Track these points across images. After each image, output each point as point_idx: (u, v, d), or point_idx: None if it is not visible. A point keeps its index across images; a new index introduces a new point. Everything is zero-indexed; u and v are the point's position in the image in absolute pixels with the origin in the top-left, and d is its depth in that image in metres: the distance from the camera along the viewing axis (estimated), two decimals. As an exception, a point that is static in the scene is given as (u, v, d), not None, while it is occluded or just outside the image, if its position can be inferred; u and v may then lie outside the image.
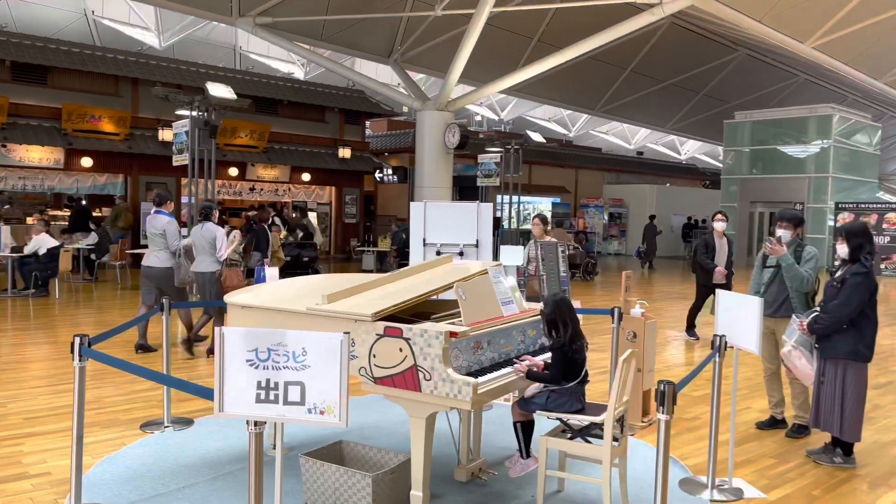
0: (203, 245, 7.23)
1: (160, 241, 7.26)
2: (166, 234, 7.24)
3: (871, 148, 24.63)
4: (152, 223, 7.37)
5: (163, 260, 7.27)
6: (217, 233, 7.24)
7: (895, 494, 4.06)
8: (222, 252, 7.27)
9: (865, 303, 4.33)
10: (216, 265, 7.27)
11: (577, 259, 16.75)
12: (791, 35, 16.78)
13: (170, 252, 7.28)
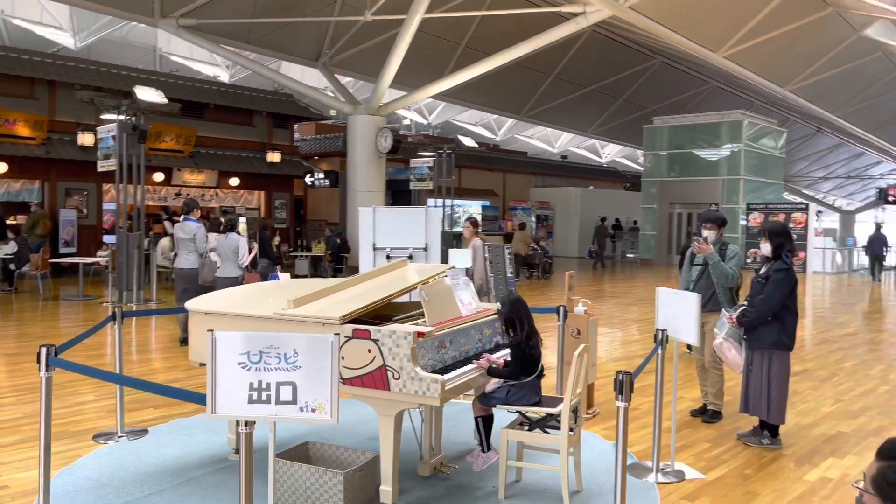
0: (228, 253, 7.94)
1: (190, 245, 8.20)
2: (196, 238, 8.17)
3: (777, 151, 26.17)
4: (182, 229, 8.29)
5: (192, 262, 8.24)
6: (240, 242, 7.97)
7: (818, 471, 4.48)
8: (244, 259, 8.00)
9: (787, 296, 4.75)
10: (238, 271, 7.98)
11: (536, 259, 18.01)
12: (704, 45, 17.71)
13: (198, 254, 8.23)
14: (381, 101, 17.71)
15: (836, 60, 19.97)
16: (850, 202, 45.27)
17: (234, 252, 7.91)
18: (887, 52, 20.39)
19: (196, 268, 8.22)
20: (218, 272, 8.03)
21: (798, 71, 20.27)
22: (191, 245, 8.17)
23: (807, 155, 35.73)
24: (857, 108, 24.46)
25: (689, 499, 3.98)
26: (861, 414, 5.86)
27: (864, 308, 13.79)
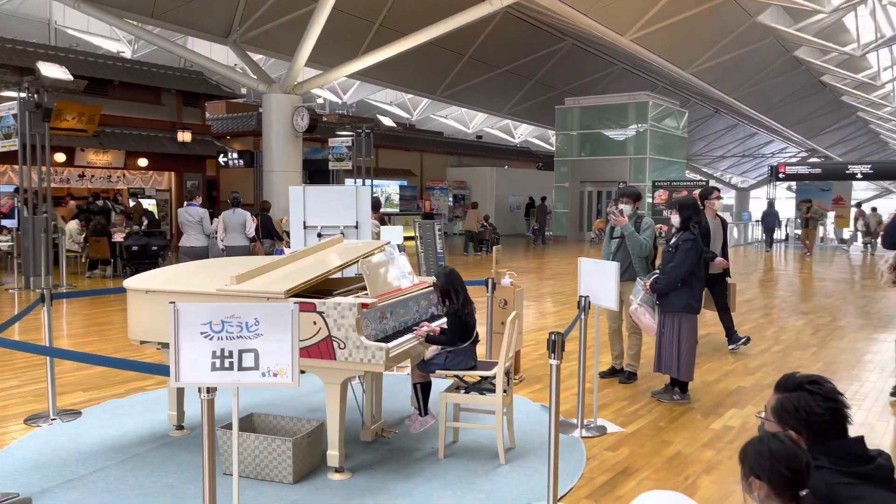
0: (235, 226, 9.64)
1: (197, 226, 9.47)
2: (203, 220, 9.50)
3: (680, 131, 27.48)
4: (189, 212, 9.58)
5: (201, 241, 9.48)
6: (246, 216, 9.75)
7: (722, 420, 4.96)
8: (251, 231, 9.74)
9: (695, 264, 5.19)
10: (246, 241, 9.71)
11: (486, 235, 20.20)
12: (612, 28, 18.38)
13: (204, 234, 9.51)
14: (296, 79, 17.50)
15: (733, 45, 21.13)
16: (745, 179, 48.01)
17: (241, 225, 9.67)
18: (779, 38, 21.73)
19: (205, 246, 9.54)
20: (227, 241, 9.62)
21: (698, 54, 21.31)
22: (198, 227, 9.47)
23: (706, 135, 37.62)
24: (751, 90, 25.95)
25: (611, 450, 4.35)
26: (758, 370, 6.45)
27: (759, 277, 14.85)
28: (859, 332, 8.43)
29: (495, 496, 3.63)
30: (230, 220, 9.69)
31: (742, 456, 2.00)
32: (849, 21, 21.34)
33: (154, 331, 4.18)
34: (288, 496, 3.61)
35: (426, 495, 3.63)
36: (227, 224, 9.68)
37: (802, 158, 39.10)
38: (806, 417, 2.09)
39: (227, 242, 9.63)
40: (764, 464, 1.91)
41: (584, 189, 25.64)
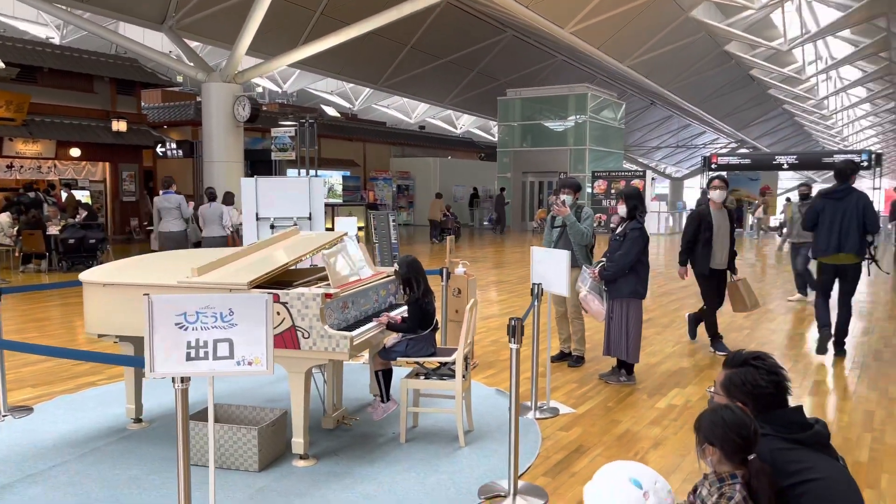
0: (213, 218, 10.43)
1: (175, 212, 10.14)
2: (181, 206, 10.18)
3: (617, 123, 28.15)
4: (167, 199, 10.22)
5: (179, 226, 10.13)
6: (223, 209, 10.57)
7: (667, 399, 5.23)
8: (228, 223, 10.51)
9: (642, 252, 5.44)
10: (224, 232, 10.47)
11: (449, 224, 21.46)
12: (553, 20, 18.69)
13: (182, 220, 10.17)
14: (236, 68, 17.20)
15: (667, 39, 21.77)
16: (679, 170, 49.50)
17: (219, 217, 10.49)
18: (710, 32, 22.48)
19: (183, 230, 10.23)
20: (205, 233, 10.46)
21: (635, 48, 21.87)
22: (176, 212, 10.14)
23: (642, 126, 38.62)
24: (685, 82, 26.77)
25: (564, 430, 4.55)
26: (697, 352, 6.78)
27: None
28: (787, 314, 8.92)
29: (457, 476, 3.78)
30: (207, 213, 10.57)
31: (697, 426, 2.18)
32: (776, 17, 22.24)
33: (112, 324, 4.15)
34: (254, 483, 3.67)
35: (390, 478, 3.74)
36: (205, 217, 10.57)
37: (733, 149, 40.59)
38: (751, 390, 2.29)
39: (205, 234, 10.59)
40: (717, 432, 2.10)
41: (526, 179, 26.03)
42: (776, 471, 2.13)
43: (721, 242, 6.51)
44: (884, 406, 5.11)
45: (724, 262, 6.56)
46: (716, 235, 6.47)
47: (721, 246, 6.51)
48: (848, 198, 6.33)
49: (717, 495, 2.09)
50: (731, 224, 6.63)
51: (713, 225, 6.47)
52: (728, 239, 6.55)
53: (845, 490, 2.19)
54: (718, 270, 6.59)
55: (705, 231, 6.44)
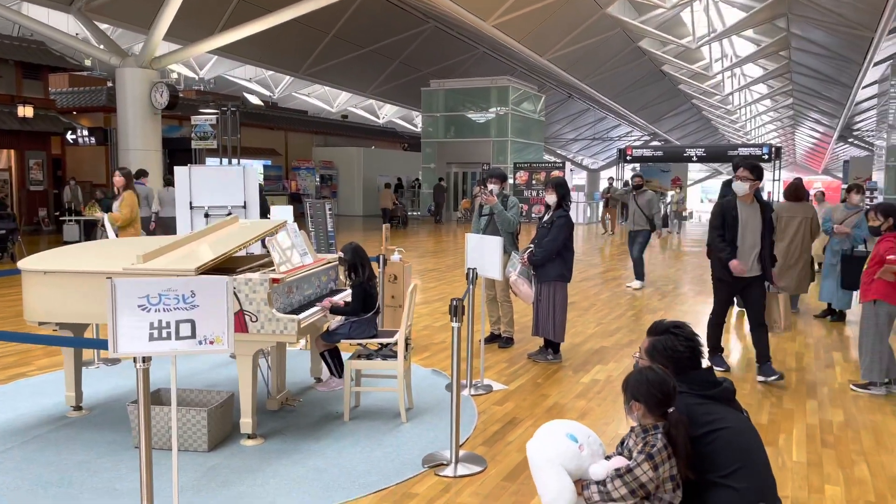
0: (170, 200, 11.05)
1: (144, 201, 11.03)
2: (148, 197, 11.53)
3: (537, 115, 28.86)
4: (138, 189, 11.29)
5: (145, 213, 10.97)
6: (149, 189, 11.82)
7: (590, 375, 5.62)
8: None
9: (567, 238, 5.79)
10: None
11: (398, 212, 22.66)
12: (475, 13, 19.01)
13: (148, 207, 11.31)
14: (153, 53, 16.72)
15: (585, 34, 22.49)
16: (595, 161, 51.07)
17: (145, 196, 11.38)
18: (625, 29, 23.37)
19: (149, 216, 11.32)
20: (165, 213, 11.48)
21: (554, 42, 22.49)
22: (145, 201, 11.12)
23: (560, 118, 39.63)
24: (601, 77, 27.70)
25: (498, 404, 4.85)
26: (616, 332, 7.24)
27: (611, 252, 16.15)
28: (697, 297, 9.57)
29: (401, 449, 4.01)
30: (165, 196, 11.74)
31: (624, 385, 2.49)
32: (686, 16, 23.34)
33: (53, 311, 4.16)
34: (206, 462, 3.79)
35: (337, 452, 3.94)
36: (163, 199, 11.70)
37: (645, 142, 42.24)
38: (671, 355, 2.62)
39: (162, 214, 11.58)
40: (642, 389, 2.41)
41: (450, 170, 26.37)
42: (691, 422, 2.46)
43: (748, 244, 5.32)
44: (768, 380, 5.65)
45: (752, 268, 5.35)
46: (742, 235, 5.33)
47: (748, 248, 5.32)
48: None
49: (643, 444, 2.41)
50: (763, 222, 5.39)
51: (739, 221, 5.33)
52: (758, 240, 5.34)
53: (749, 437, 2.56)
54: (743, 279, 5.35)
55: (730, 228, 5.32)
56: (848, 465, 3.93)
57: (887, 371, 5.20)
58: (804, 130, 43.90)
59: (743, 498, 2.42)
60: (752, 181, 5.35)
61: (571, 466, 2.45)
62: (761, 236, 5.36)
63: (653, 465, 2.35)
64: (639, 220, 10.29)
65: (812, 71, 25.99)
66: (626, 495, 2.37)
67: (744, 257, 5.32)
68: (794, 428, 4.50)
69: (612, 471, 2.41)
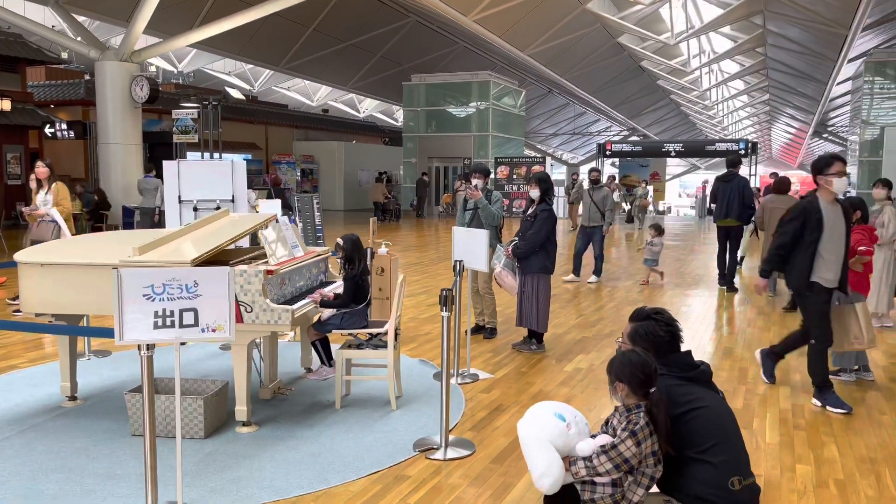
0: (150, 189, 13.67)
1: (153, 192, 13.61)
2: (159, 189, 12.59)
3: (517, 110, 29.03)
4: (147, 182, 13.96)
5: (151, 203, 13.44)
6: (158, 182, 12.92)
7: (573, 364, 5.79)
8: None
9: (551, 231, 5.95)
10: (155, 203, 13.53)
11: (390, 206, 23.20)
12: (457, 8, 19.11)
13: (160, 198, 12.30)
14: (133, 46, 16.64)
15: (565, 30, 22.69)
16: (575, 156, 51.43)
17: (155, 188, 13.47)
18: (605, 25, 23.60)
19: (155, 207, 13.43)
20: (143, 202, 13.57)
21: (535, 37, 22.66)
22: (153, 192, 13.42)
23: (540, 113, 39.86)
24: (581, 72, 27.93)
25: (485, 392, 5.00)
26: (597, 323, 7.43)
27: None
28: (675, 289, 9.79)
29: (392, 434, 4.14)
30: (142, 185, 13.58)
31: (609, 368, 2.65)
32: (664, 12, 23.63)
33: (50, 303, 4.24)
34: (202, 448, 3.89)
35: (331, 438, 4.06)
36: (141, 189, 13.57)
37: (624, 137, 42.62)
38: (653, 339, 2.79)
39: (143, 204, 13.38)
40: (625, 370, 2.57)
41: (431, 164, 26.46)
42: (671, 401, 2.63)
43: (834, 250, 4.68)
44: (757, 365, 5.86)
45: (838, 277, 4.74)
46: (826, 239, 4.65)
47: (834, 254, 4.68)
48: (734, 181, 9.21)
49: (626, 422, 2.56)
50: (847, 225, 4.77)
51: (824, 224, 4.64)
52: (844, 245, 4.74)
53: (724, 416, 2.73)
54: (828, 289, 4.73)
55: (812, 231, 4.62)
56: (818, 445, 4.13)
57: (856, 358, 5.43)
58: (780, 126, 44.57)
59: (719, 471, 2.59)
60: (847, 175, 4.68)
61: (559, 443, 2.60)
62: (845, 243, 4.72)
63: (636, 441, 2.51)
64: (594, 216, 10.28)
65: (787, 67, 26.43)
66: (611, 470, 2.53)
67: (828, 265, 4.66)
68: (767, 412, 4.70)
69: (598, 447, 2.57)
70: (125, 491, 3.37)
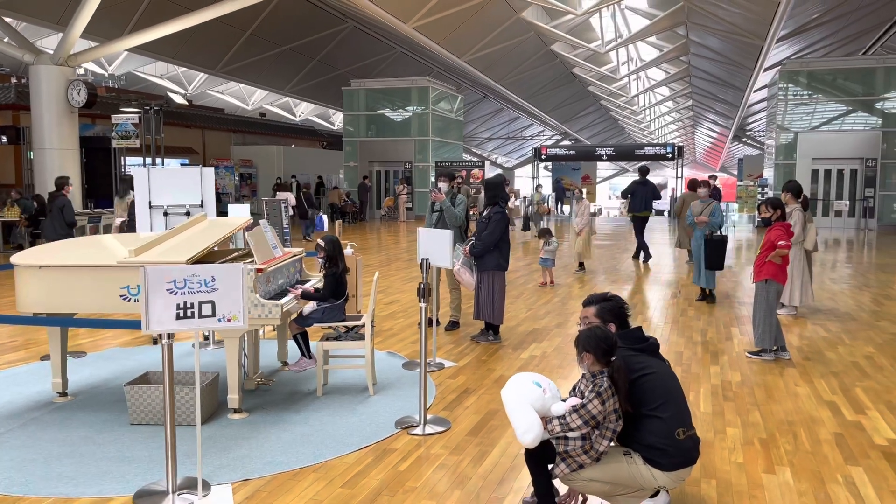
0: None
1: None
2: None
3: (455, 114, 29.65)
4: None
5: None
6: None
7: (528, 352, 6.33)
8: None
9: (504, 231, 6.47)
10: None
11: (348, 209, 23.94)
12: (397, 16, 19.55)
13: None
14: (70, 50, 16.41)
15: (501, 37, 23.42)
16: (509, 160, 52.54)
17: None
18: (539, 33, 24.46)
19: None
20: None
21: (472, 44, 23.31)
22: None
23: (476, 118, 40.66)
24: (516, 78, 28.78)
25: (452, 378, 5.48)
26: (545, 316, 8.01)
27: (532, 246, 17.06)
28: (612, 285, 10.50)
29: (375, 415, 4.57)
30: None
31: (577, 341, 3.16)
32: (595, 21, 24.67)
33: (47, 303, 4.48)
34: (203, 434, 4.22)
35: (319, 421, 4.46)
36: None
37: (557, 141, 43.88)
38: (619, 313, 3.37)
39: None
40: (592, 343, 3.08)
41: (372, 168, 26.77)
42: (628, 369, 3.15)
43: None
44: (689, 348, 6.54)
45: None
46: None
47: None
48: (647, 184, 13.17)
49: (592, 385, 3.08)
50: None
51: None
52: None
53: (670, 380, 3.28)
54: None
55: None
56: (744, 412, 4.77)
57: (775, 340, 6.15)
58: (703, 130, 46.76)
59: (667, 425, 3.13)
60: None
61: (538, 406, 3.09)
62: None
63: (601, 400, 3.02)
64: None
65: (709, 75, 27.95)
66: (581, 425, 3.03)
67: None
68: (701, 387, 5.33)
69: (570, 407, 3.07)
70: (139, 471, 3.69)
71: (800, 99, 22.17)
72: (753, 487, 3.64)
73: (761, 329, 6.12)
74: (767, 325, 6.08)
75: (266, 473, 3.69)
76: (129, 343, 6.49)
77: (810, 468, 3.87)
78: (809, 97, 22.06)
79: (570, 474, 3.10)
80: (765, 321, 6.09)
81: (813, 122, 22.02)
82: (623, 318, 3.35)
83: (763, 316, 6.09)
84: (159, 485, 3.48)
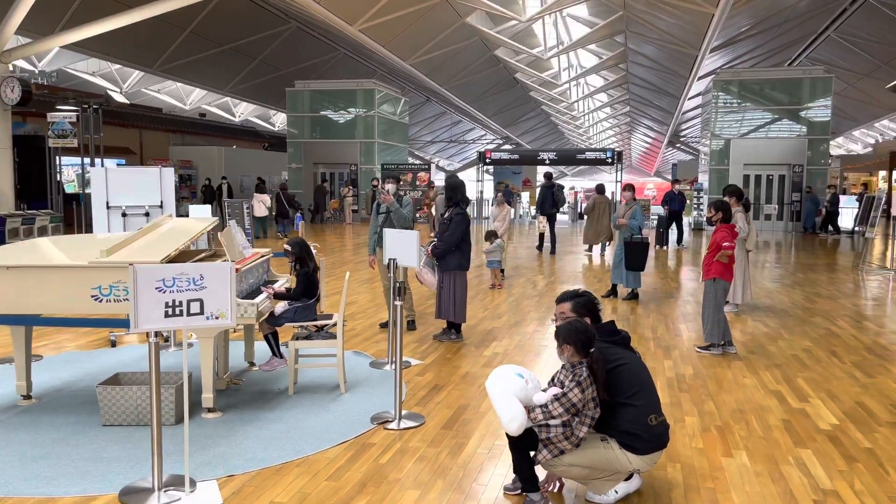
0: None
1: None
2: None
3: (399, 117, 29.74)
4: None
5: None
6: None
7: (490, 349, 6.50)
8: None
9: (464, 232, 6.63)
10: None
11: (318, 210, 24.25)
12: (343, 18, 19.53)
13: None
14: (3, 46, 15.81)
15: (445, 41, 23.66)
16: (451, 163, 52.90)
17: None
18: (483, 38, 24.81)
19: None
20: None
21: (417, 48, 23.46)
22: None
23: (419, 121, 40.83)
24: (460, 82, 29.07)
25: (420, 375, 5.60)
26: (503, 315, 8.21)
27: (485, 247, 17.31)
28: (564, 284, 10.80)
29: (348, 412, 4.65)
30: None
31: (557, 333, 3.34)
32: (538, 28, 25.18)
33: (15, 304, 4.39)
34: (177, 434, 4.22)
35: (294, 418, 4.51)
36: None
37: (499, 145, 44.45)
38: (593, 308, 3.54)
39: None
40: (572, 335, 3.26)
41: (317, 170, 26.58)
42: (604, 360, 3.35)
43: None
44: (643, 344, 6.84)
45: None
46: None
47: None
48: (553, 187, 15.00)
49: (572, 375, 3.26)
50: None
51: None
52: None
53: (642, 370, 3.50)
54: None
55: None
56: (699, 402, 5.06)
57: (723, 335, 6.50)
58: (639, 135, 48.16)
59: (640, 412, 3.34)
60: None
61: (521, 396, 3.25)
62: None
63: (581, 389, 3.21)
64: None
65: (646, 82, 28.87)
66: (563, 413, 3.21)
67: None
68: (657, 380, 5.59)
69: (551, 396, 3.24)
70: (120, 470, 3.69)
71: (731, 107, 23.14)
72: (714, 470, 3.89)
73: (710, 325, 6.45)
74: (716, 322, 6.42)
75: (249, 469, 3.74)
76: (84, 346, 6.37)
77: (764, 451, 4.16)
78: (740, 105, 23.05)
79: (552, 460, 3.27)
80: (713, 317, 6.43)
81: (742, 129, 23.02)
82: (596, 312, 3.55)
83: (711, 312, 6.43)
84: (144, 482, 3.49)
